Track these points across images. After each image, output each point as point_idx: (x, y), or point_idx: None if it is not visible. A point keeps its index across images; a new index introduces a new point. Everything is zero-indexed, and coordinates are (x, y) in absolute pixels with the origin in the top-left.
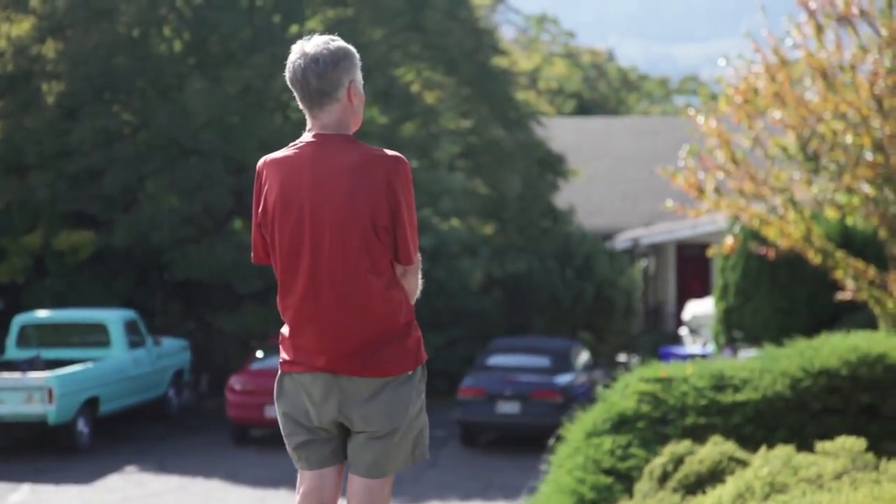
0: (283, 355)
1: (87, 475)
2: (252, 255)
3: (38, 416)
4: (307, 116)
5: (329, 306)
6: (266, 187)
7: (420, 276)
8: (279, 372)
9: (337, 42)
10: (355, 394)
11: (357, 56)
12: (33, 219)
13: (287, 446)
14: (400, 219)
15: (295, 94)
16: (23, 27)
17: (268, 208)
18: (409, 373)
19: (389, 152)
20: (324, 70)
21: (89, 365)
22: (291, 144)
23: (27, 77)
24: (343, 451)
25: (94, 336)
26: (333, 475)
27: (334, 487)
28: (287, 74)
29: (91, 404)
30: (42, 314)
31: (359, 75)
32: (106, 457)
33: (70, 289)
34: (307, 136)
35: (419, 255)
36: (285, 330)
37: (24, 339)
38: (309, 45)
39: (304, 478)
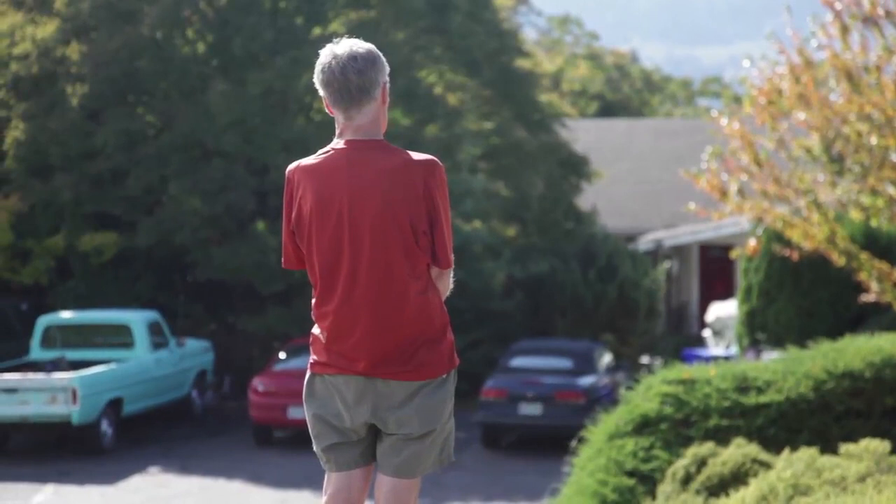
0: (315, 357)
1: (110, 476)
2: (283, 260)
3: (63, 417)
4: (341, 118)
5: (368, 310)
6: (300, 195)
7: (452, 276)
8: (309, 373)
9: (365, 44)
10: (391, 397)
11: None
12: (57, 220)
13: (315, 447)
14: (438, 222)
15: (327, 95)
16: (47, 30)
17: (303, 216)
18: (444, 376)
19: (425, 156)
20: (364, 67)
21: (113, 366)
22: (321, 151)
23: (51, 79)
24: (371, 453)
25: (118, 337)
26: (361, 477)
27: (361, 489)
28: (320, 76)
29: (115, 405)
30: (66, 315)
31: (388, 80)
32: (129, 458)
33: (94, 290)
34: (338, 143)
35: (452, 261)
36: (318, 332)
37: (48, 340)
38: (339, 48)
39: (331, 479)
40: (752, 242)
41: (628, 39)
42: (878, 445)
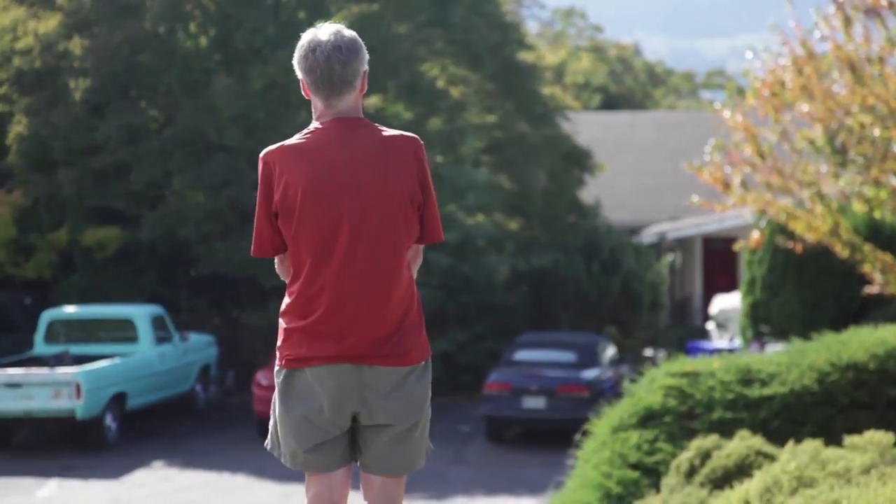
0: (291, 352)
1: (114, 470)
2: (253, 248)
3: (67, 412)
4: (320, 105)
5: (365, 285)
6: (283, 176)
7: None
8: (284, 371)
9: (348, 31)
10: (378, 385)
11: None
12: (60, 215)
13: (289, 451)
14: (429, 194)
15: (309, 81)
16: (50, 24)
17: (289, 196)
18: (423, 364)
19: (410, 134)
20: (348, 58)
21: (117, 360)
22: (305, 132)
23: (54, 74)
24: (351, 452)
25: (122, 331)
26: (342, 477)
27: (344, 489)
28: (303, 62)
29: (119, 399)
30: (70, 310)
31: (367, 68)
32: (133, 452)
33: (97, 284)
34: (323, 122)
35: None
36: (291, 325)
37: (52, 335)
38: (323, 34)
39: (311, 482)
40: (756, 235)
41: (631, 32)
42: (883, 437)
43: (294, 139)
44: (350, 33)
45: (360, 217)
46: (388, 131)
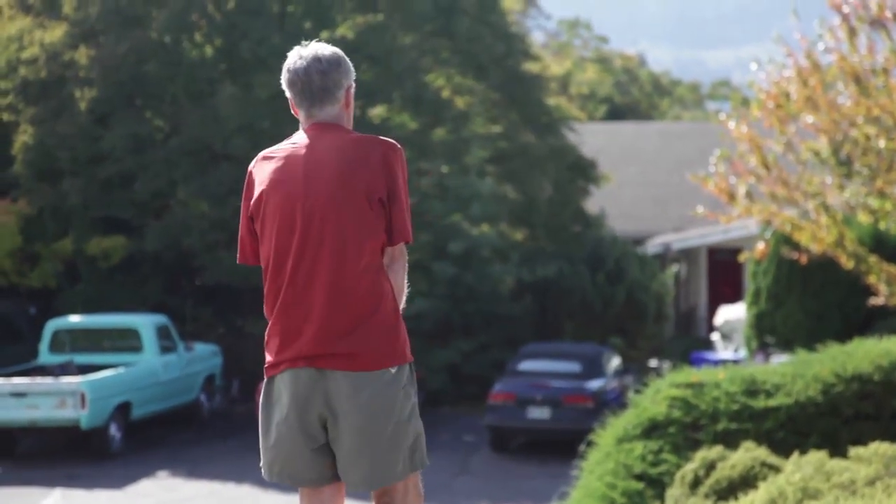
0: (268, 358)
1: (118, 480)
2: (238, 255)
3: (71, 421)
4: (303, 117)
5: (318, 283)
6: (255, 181)
7: (406, 279)
8: (265, 379)
9: (331, 48)
10: (338, 391)
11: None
12: (65, 224)
13: (266, 462)
14: (396, 195)
15: (292, 95)
16: (55, 34)
17: (257, 199)
18: (393, 371)
19: (386, 138)
20: (327, 68)
21: (121, 370)
22: (285, 140)
23: (60, 83)
24: (335, 469)
25: (127, 341)
26: (332, 493)
27: None
28: (285, 76)
29: (123, 409)
30: (74, 319)
31: (353, 85)
32: (137, 462)
33: (102, 294)
34: (303, 128)
35: (405, 253)
36: (270, 328)
37: (56, 344)
38: (305, 50)
39: (302, 497)
40: (761, 245)
41: (636, 42)
42: (888, 448)
43: (274, 146)
44: (332, 49)
45: (310, 216)
46: (362, 135)
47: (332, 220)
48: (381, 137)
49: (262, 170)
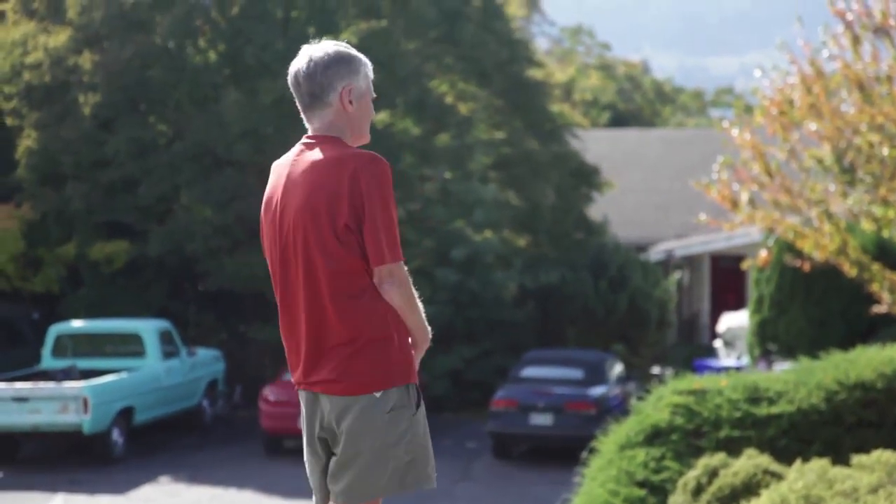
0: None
1: (120, 485)
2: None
3: (74, 426)
4: (305, 123)
5: (300, 309)
6: (264, 198)
7: (409, 294)
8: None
9: (339, 47)
10: (329, 413)
11: (362, 63)
12: (69, 229)
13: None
14: (368, 219)
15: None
16: (59, 39)
17: (260, 218)
18: (378, 395)
19: (366, 152)
20: (312, 71)
21: (124, 375)
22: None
23: (64, 88)
24: None
25: (129, 346)
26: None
27: None
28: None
29: (126, 414)
30: (77, 324)
31: (361, 82)
32: (140, 467)
33: (105, 299)
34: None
35: (404, 269)
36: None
37: (59, 349)
38: (313, 49)
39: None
40: (764, 253)
41: (639, 49)
42: (891, 456)
43: (283, 156)
44: (335, 49)
45: (286, 246)
46: (343, 151)
47: (301, 251)
48: (358, 152)
49: (268, 185)
